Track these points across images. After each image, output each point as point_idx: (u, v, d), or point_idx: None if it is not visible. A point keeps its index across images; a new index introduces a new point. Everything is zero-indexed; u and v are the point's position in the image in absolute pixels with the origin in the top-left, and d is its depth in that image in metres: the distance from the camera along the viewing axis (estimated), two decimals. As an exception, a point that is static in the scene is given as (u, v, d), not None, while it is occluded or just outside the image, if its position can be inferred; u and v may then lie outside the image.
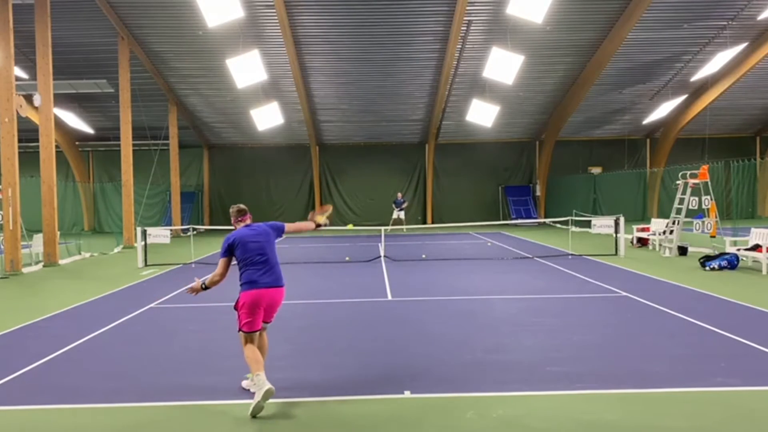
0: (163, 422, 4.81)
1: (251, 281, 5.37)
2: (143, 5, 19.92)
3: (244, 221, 5.70)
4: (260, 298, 5.34)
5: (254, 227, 5.62)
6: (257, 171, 31.83)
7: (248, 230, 5.57)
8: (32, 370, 6.19)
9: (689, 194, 15.66)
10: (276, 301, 5.50)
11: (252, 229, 5.59)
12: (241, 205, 5.84)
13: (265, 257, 5.44)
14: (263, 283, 5.36)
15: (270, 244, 5.55)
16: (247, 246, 5.44)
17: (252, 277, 5.38)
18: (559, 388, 5.32)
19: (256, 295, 5.33)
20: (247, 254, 5.43)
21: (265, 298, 5.36)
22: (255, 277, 5.37)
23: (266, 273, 5.39)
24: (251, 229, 5.59)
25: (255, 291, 5.33)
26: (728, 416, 4.67)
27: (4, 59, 14.48)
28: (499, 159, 32.19)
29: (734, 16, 21.03)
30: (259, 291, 5.33)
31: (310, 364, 6.26)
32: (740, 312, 8.47)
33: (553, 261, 14.87)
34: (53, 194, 16.38)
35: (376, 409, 4.95)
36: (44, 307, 9.76)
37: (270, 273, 5.41)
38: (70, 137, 30.39)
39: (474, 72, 24.10)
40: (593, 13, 20.91)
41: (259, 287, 5.34)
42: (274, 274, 5.44)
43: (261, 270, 5.39)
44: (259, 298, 5.33)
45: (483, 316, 8.48)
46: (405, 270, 13.63)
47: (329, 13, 20.40)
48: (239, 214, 5.72)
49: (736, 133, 31.49)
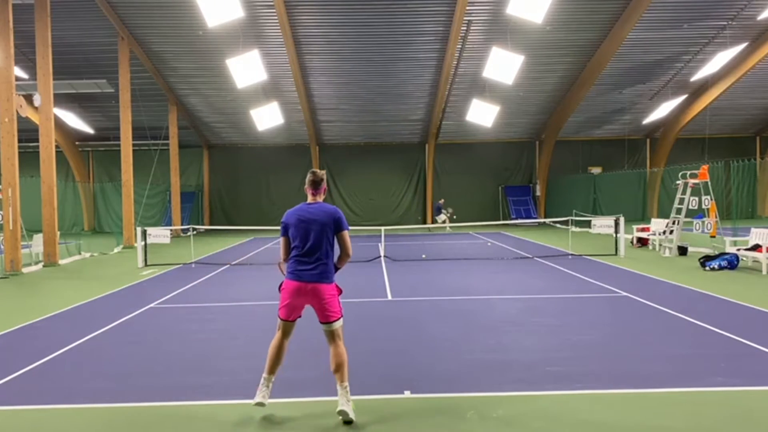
0: (163, 422, 4.81)
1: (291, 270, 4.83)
2: (143, 5, 19.92)
3: (314, 195, 4.96)
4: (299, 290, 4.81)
5: (315, 207, 4.88)
6: (257, 171, 31.85)
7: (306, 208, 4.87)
8: (32, 370, 6.19)
9: (689, 194, 15.66)
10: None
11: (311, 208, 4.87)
12: (321, 171, 5.05)
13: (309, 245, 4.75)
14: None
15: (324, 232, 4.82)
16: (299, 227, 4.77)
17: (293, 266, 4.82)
18: (559, 388, 5.32)
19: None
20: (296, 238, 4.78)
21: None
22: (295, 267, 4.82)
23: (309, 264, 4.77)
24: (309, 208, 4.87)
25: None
26: (728, 416, 4.67)
27: (4, 59, 14.48)
28: (499, 159, 32.21)
29: (734, 16, 21.04)
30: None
31: (310, 364, 6.26)
32: (740, 312, 8.46)
33: (553, 261, 14.87)
34: (53, 194, 16.38)
35: (376, 409, 4.95)
36: (44, 307, 9.76)
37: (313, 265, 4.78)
38: (70, 137, 30.40)
39: (474, 72, 24.11)
40: (593, 13, 20.92)
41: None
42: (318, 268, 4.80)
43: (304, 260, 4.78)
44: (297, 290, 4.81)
45: (483, 316, 8.47)
46: (405, 270, 13.63)
47: (329, 13, 20.40)
48: (312, 185, 4.97)
49: (736, 133, 31.50)
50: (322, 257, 4.80)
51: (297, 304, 4.91)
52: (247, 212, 31.41)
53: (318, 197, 4.97)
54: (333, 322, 4.88)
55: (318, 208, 4.86)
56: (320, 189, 4.97)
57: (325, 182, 5.01)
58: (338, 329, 4.91)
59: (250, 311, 9.26)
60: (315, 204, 4.91)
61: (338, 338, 4.88)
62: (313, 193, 4.96)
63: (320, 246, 4.78)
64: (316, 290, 4.81)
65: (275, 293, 11.32)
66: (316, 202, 4.93)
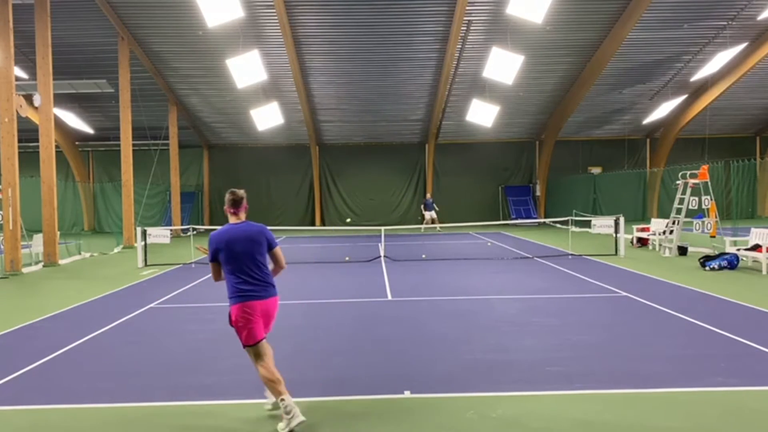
0: (163, 422, 4.81)
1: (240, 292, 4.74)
2: (143, 5, 19.92)
3: (235, 214, 4.90)
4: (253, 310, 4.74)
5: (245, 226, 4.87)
6: (257, 171, 31.85)
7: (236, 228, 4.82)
8: (32, 370, 6.19)
9: (689, 194, 15.66)
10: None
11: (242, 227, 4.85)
12: (240, 190, 4.96)
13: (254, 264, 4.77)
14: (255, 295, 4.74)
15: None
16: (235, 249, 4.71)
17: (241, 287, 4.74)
18: (559, 388, 5.32)
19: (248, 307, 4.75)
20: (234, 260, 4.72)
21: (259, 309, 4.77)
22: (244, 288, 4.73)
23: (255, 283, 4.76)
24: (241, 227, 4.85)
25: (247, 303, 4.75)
26: (728, 416, 4.67)
27: (4, 59, 14.48)
28: (499, 159, 32.21)
29: (734, 16, 21.04)
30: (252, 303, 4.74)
31: (310, 364, 6.26)
32: (740, 312, 8.47)
33: (553, 261, 14.87)
34: (53, 194, 16.38)
35: (376, 409, 4.95)
36: (44, 307, 9.76)
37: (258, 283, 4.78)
38: (70, 137, 30.40)
39: (474, 72, 24.11)
40: (593, 13, 20.92)
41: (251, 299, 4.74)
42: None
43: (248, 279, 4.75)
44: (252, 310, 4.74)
45: (483, 316, 8.47)
46: (405, 270, 13.63)
47: (329, 13, 20.41)
48: (232, 204, 4.90)
49: (736, 133, 31.50)
50: (263, 274, 4.80)
51: (265, 320, 4.86)
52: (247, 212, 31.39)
53: (240, 215, 4.93)
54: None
55: (246, 227, 4.85)
56: (241, 207, 4.92)
57: (245, 200, 4.96)
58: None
59: (250, 311, 9.24)
60: (241, 224, 4.88)
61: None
62: (234, 212, 4.91)
63: (257, 263, 4.77)
64: (272, 305, 4.85)
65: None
66: (241, 222, 4.90)
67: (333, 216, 31.96)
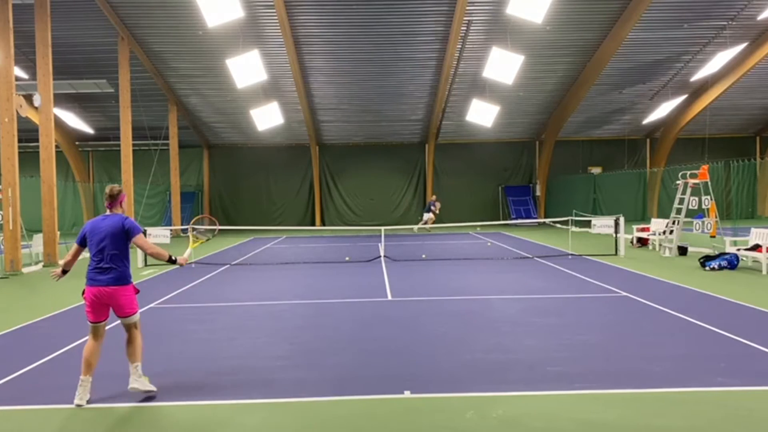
0: (163, 422, 4.81)
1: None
2: (143, 5, 19.92)
3: (110, 208, 5.46)
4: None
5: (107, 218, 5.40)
6: (257, 171, 31.85)
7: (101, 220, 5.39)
8: (32, 370, 6.19)
9: (689, 194, 15.66)
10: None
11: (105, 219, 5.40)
12: (116, 186, 5.54)
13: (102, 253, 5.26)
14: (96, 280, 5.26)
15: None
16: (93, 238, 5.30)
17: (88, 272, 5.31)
18: (559, 388, 5.32)
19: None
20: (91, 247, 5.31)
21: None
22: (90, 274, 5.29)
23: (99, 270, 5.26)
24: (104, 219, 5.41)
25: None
26: (727, 416, 4.67)
27: (4, 59, 14.48)
28: (499, 159, 32.21)
29: (734, 16, 21.05)
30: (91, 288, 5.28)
31: (310, 364, 6.25)
32: (740, 312, 8.47)
33: (553, 261, 14.87)
34: (53, 194, 16.38)
35: (376, 409, 4.95)
36: (44, 307, 9.76)
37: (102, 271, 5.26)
38: (70, 137, 30.41)
39: (474, 72, 24.11)
40: (593, 13, 20.92)
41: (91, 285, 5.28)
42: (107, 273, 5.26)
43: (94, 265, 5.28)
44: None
45: (483, 316, 8.47)
46: (405, 270, 13.62)
47: (329, 13, 20.41)
48: (108, 198, 5.47)
49: (736, 133, 31.50)
50: (115, 264, 5.27)
51: (99, 307, 5.31)
52: (247, 212, 31.41)
53: (115, 209, 5.47)
54: (131, 316, 5.42)
55: (110, 219, 5.38)
56: (116, 201, 5.47)
57: (122, 195, 5.52)
58: (136, 321, 5.47)
59: (249, 311, 9.25)
60: (109, 216, 5.43)
61: (135, 328, 5.44)
62: (109, 205, 5.47)
63: (110, 255, 5.26)
64: (113, 293, 5.27)
65: (275, 293, 11.34)
66: (111, 214, 5.44)
67: (333, 216, 31.96)
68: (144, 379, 5.32)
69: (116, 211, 5.47)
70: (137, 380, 5.26)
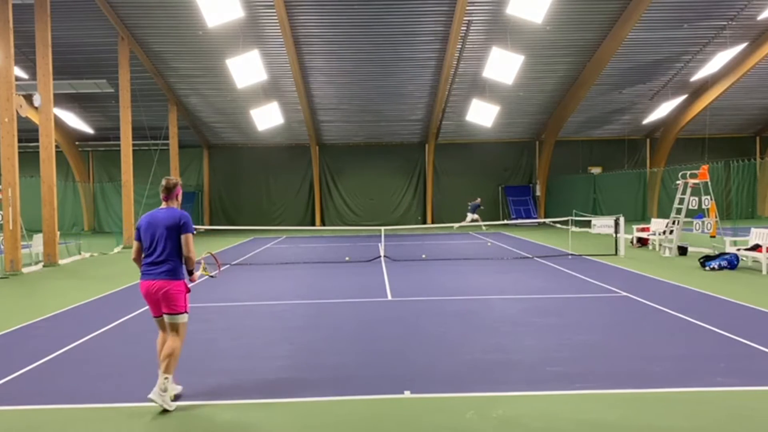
0: (164, 422, 4.81)
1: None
2: (143, 5, 19.92)
3: (166, 201, 5.37)
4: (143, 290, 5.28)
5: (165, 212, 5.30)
6: (257, 171, 31.85)
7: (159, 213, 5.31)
8: (32, 370, 6.19)
9: (689, 194, 15.66)
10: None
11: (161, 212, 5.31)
12: (173, 179, 5.43)
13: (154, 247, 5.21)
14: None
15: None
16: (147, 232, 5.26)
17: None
18: (559, 388, 5.32)
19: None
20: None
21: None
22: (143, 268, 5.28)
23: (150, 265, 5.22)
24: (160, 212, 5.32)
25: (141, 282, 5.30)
26: (728, 416, 4.67)
27: (4, 59, 14.48)
28: (499, 159, 32.21)
29: (734, 16, 21.05)
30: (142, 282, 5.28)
31: (310, 364, 6.25)
32: (740, 312, 8.47)
33: (553, 261, 14.87)
34: (53, 194, 16.38)
35: (376, 409, 4.95)
36: (44, 307, 9.76)
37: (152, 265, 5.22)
38: (70, 137, 30.40)
39: (474, 72, 24.11)
40: (593, 13, 20.93)
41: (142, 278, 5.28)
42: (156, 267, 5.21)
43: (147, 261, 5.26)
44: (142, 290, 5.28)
45: (483, 316, 8.47)
46: (405, 270, 13.62)
47: (329, 13, 20.41)
48: (165, 191, 5.37)
49: (736, 133, 31.50)
50: (168, 258, 5.18)
51: (155, 302, 5.24)
52: (247, 212, 31.42)
53: (171, 203, 5.37)
54: (176, 315, 5.23)
55: (167, 212, 5.28)
56: (172, 194, 5.37)
57: (178, 188, 5.41)
58: (180, 324, 5.26)
59: (250, 311, 9.25)
60: (165, 209, 5.32)
61: (177, 333, 5.24)
62: (165, 198, 5.37)
63: (165, 248, 5.18)
64: (163, 287, 5.16)
65: (275, 293, 11.35)
66: (167, 208, 5.34)
67: (333, 216, 31.96)
68: (169, 394, 5.00)
69: (171, 204, 5.36)
70: (161, 394, 4.91)
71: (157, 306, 5.25)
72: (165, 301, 5.18)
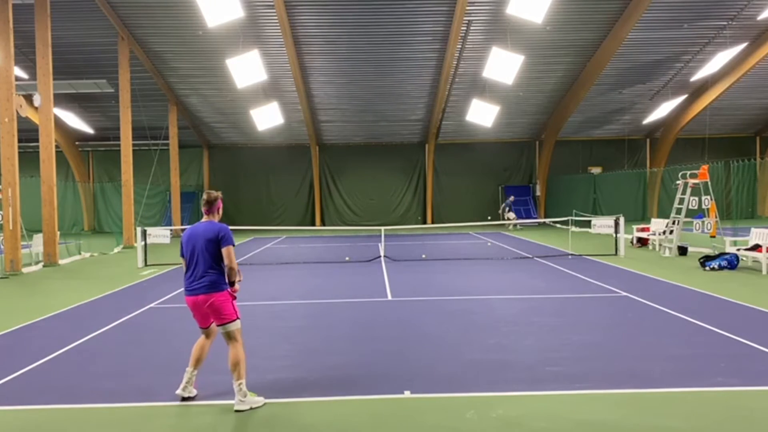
0: (164, 422, 4.81)
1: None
2: (143, 5, 19.91)
3: (207, 214, 5.40)
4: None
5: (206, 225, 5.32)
6: (257, 171, 31.85)
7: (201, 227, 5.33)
8: (32, 370, 6.19)
9: (689, 194, 15.66)
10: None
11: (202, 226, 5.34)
12: (213, 192, 5.47)
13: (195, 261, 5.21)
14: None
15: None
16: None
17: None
18: (559, 388, 5.33)
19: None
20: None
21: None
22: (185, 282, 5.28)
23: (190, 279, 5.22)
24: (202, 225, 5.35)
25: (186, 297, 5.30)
26: (728, 416, 4.67)
27: (4, 59, 14.48)
28: (499, 159, 32.20)
29: (734, 16, 21.04)
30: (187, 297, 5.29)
31: (310, 364, 6.25)
32: (740, 312, 8.47)
33: (553, 261, 14.87)
34: (53, 194, 16.38)
35: (376, 409, 4.95)
36: (44, 307, 9.76)
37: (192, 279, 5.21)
38: (70, 137, 30.39)
39: (474, 72, 24.10)
40: (593, 13, 20.91)
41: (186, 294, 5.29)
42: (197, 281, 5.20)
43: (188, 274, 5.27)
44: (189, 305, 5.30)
45: (482, 316, 8.47)
46: (405, 270, 13.62)
47: (329, 13, 20.40)
48: (206, 204, 5.41)
49: (736, 133, 31.49)
50: (209, 270, 5.16)
51: (202, 315, 5.27)
52: (247, 212, 31.38)
53: (211, 216, 5.39)
54: (228, 324, 5.18)
55: (206, 226, 5.29)
56: (213, 208, 5.40)
57: (219, 201, 5.45)
58: (234, 331, 5.19)
59: (249, 311, 9.25)
60: (205, 222, 5.35)
61: (234, 340, 5.18)
62: (206, 211, 5.40)
63: (205, 260, 5.17)
64: (207, 300, 5.15)
65: (275, 293, 11.36)
66: (207, 221, 5.36)
67: (333, 216, 31.95)
68: (251, 395, 5.05)
69: (212, 218, 5.39)
70: (242, 401, 4.97)
71: (206, 318, 5.28)
72: (213, 312, 5.18)
